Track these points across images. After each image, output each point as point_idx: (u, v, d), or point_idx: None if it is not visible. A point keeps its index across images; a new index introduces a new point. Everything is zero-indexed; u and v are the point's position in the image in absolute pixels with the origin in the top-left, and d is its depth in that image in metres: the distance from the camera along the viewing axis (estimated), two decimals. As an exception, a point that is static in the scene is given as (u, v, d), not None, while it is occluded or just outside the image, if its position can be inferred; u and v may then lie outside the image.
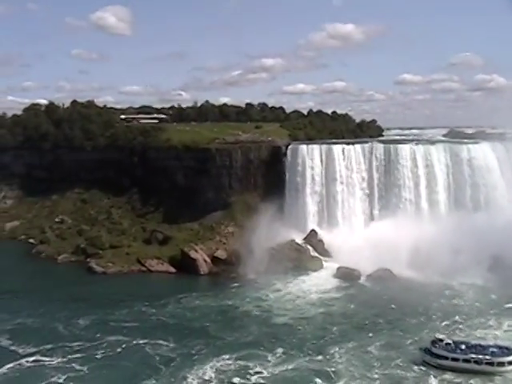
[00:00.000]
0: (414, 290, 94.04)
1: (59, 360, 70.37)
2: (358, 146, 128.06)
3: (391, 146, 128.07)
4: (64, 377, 65.71)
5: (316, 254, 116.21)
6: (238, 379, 64.76)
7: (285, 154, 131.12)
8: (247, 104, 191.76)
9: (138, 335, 78.43)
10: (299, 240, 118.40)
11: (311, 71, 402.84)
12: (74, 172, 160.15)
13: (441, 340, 70.61)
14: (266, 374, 65.98)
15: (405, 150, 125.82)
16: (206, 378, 65.21)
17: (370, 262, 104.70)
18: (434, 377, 66.09)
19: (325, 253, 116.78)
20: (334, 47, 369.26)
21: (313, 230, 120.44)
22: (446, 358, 68.57)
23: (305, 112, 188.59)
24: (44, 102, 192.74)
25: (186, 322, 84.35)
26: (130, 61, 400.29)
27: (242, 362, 68.77)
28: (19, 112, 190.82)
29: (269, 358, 69.89)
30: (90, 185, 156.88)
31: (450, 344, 70.13)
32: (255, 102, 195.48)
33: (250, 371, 66.65)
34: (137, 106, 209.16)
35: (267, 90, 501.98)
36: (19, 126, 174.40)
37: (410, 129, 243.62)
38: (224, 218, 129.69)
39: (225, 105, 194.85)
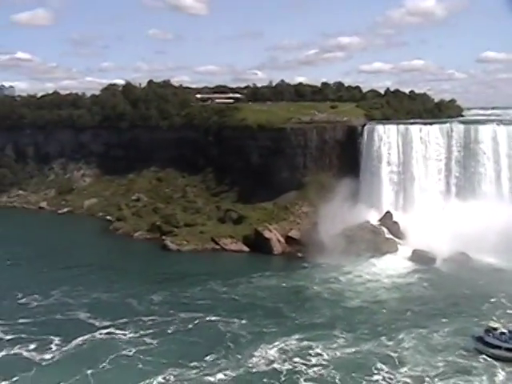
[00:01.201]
0: (491, 276, 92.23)
1: (131, 334, 73.07)
2: (436, 127, 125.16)
3: (471, 126, 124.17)
4: (134, 350, 68.12)
5: (391, 236, 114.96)
6: (299, 359, 65.31)
7: (360, 134, 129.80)
8: (323, 83, 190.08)
9: (210, 312, 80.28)
10: (374, 221, 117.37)
11: (389, 49, 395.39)
12: (150, 151, 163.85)
13: (495, 329, 68.28)
14: (328, 356, 66.30)
15: (486, 130, 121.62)
16: (271, 357, 66.13)
17: (446, 246, 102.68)
18: (502, 369, 63.75)
19: (400, 235, 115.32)
20: (414, 24, 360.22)
21: (388, 212, 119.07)
22: (499, 348, 66.25)
23: (381, 91, 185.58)
24: (121, 82, 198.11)
25: (257, 301, 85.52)
26: (206, 40, 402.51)
27: (307, 343, 69.37)
28: (97, 92, 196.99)
29: (335, 341, 70.15)
30: (166, 163, 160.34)
31: (504, 333, 67.56)
32: (331, 82, 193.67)
33: (313, 352, 67.20)
34: (212, 85, 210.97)
35: (343, 69, 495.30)
36: (97, 106, 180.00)
37: (493, 108, 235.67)
38: (298, 198, 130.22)
39: (300, 84, 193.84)
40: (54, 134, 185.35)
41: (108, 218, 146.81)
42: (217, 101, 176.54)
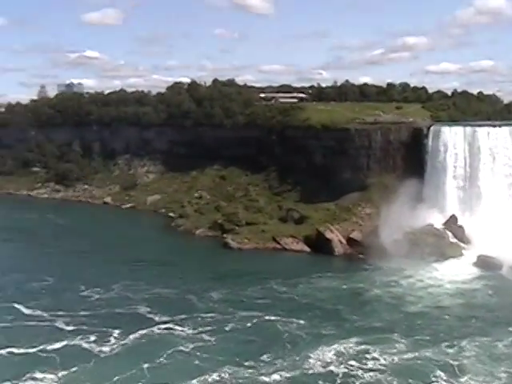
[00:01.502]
0: None
1: (189, 330, 73.58)
2: (505, 129, 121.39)
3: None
4: (192, 346, 68.55)
5: (455, 241, 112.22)
6: (356, 363, 64.37)
7: (426, 136, 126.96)
8: (388, 84, 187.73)
9: (269, 311, 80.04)
10: (438, 225, 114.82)
11: (457, 50, 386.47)
12: (213, 149, 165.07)
13: None
14: (385, 361, 64.93)
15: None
16: (327, 359, 65.34)
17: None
18: None
19: (465, 239, 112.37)
20: (483, 24, 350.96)
21: (453, 215, 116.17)
22: None
23: (448, 92, 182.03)
24: (187, 80, 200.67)
25: (316, 302, 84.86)
26: (271, 40, 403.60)
27: (364, 347, 68.24)
28: (163, 90, 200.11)
29: (393, 345, 68.74)
30: (229, 162, 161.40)
31: None
32: (396, 82, 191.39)
33: (370, 356, 66.01)
34: (276, 84, 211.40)
35: (409, 70, 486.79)
36: (163, 104, 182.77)
37: None
38: (361, 199, 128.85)
39: (365, 84, 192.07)
40: (120, 130, 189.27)
41: (170, 214, 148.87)
42: (281, 100, 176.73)
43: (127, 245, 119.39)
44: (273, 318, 78.28)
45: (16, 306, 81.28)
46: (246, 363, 63.80)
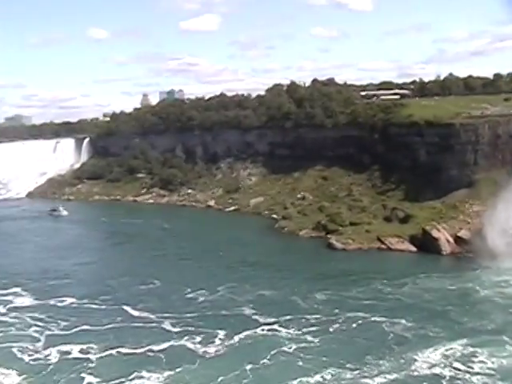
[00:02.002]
0: None
1: (294, 331, 74.08)
2: None
3: None
4: (295, 347, 69.12)
5: None
6: (462, 366, 62.91)
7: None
8: (495, 75, 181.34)
9: (375, 313, 79.43)
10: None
11: None
12: (314, 150, 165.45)
13: None
14: (494, 364, 62.95)
15: None
16: (433, 361, 64.20)
17: None
18: None
19: None
20: None
21: None
22: None
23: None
24: (286, 81, 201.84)
25: (423, 303, 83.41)
26: (371, 36, 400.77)
27: (472, 349, 66.48)
28: (263, 93, 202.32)
29: (504, 348, 66.47)
30: (331, 162, 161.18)
31: None
32: (504, 73, 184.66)
33: (477, 359, 64.28)
34: (377, 81, 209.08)
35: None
36: (263, 106, 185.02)
37: None
38: (468, 197, 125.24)
39: (470, 77, 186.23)
40: (221, 134, 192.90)
41: (273, 216, 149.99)
42: (382, 97, 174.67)
43: (232, 247, 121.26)
44: (378, 318, 77.62)
45: (125, 307, 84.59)
46: (350, 365, 63.64)
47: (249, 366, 63.58)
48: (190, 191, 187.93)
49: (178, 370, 63.89)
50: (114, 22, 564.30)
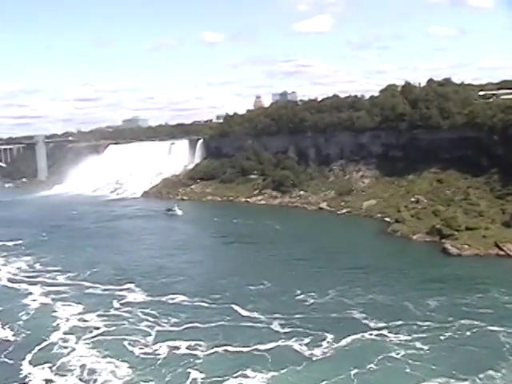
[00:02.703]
0: None
1: (403, 337, 72.15)
2: None
3: None
4: (403, 353, 67.38)
5: None
6: None
7: None
8: None
9: (491, 321, 75.86)
10: None
11: None
12: (430, 152, 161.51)
13: None
14: None
15: None
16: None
17: None
18: None
19: None
20: None
21: None
22: None
23: None
24: (400, 82, 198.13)
25: (544, 313, 79.20)
26: (491, 34, 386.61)
27: None
28: (376, 94, 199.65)
29: None
30: (447, 164, 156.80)
31: None
32: None
33: None
34: (496, 80, 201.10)
35: None
36: (376, 107, 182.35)
37: None
38: None
39: None
40: (334, 136, 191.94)
41: (386, 219, 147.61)
42: (502, 97, 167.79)
43: (343, 250, 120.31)
44: (494, 328, 74.07)
45: (234, 307, 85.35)
46: (461, 375, 61.24)
47: (354, 371, 62.75)
48: (301, 193, 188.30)
49: (282, 370, 63.91)
50: (227, 26, 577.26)
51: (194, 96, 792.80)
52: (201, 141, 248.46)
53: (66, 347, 73.97)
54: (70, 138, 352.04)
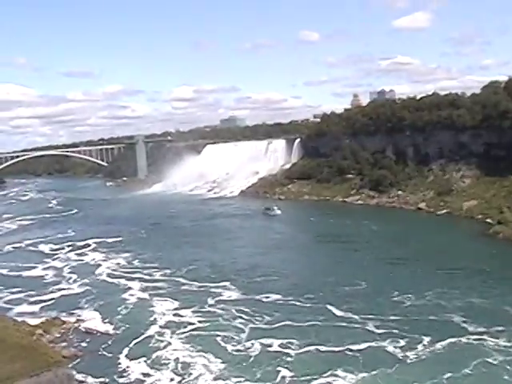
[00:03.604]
0: None
1: (502, 343, 69.66)
2: None
3: None
4: (502, 359, 65.26)
5: None
6: None
7: None
8: None
9: None
10: None
11: None
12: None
13: None
14: None
15: None
16: None
17: None
18: None
19: None
20: None
21: None
22: None
23: None
24: (503, 78, 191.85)
25: None
26: None
27: None
28: (477, 91, 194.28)
29: None
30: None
31: None
32: None
33: None
34: None
35: None
36: (478, 105, 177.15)
37: None
38: None
39: None
40: (433, 135, 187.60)
41: (488, 220, 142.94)
42: None
43: (441, 252, 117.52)
44: None
45: (328, 307, 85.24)
46: None
47: (448, 375, 61.42)
48: (399, 193, 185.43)
49: (373, 372, 63.44)
50: (324, 24, 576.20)
51: (291, 95, 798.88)
52: (298, 140, 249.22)
53: (161, 341, 76.64)
54: (169, 138, 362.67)
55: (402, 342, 71.16)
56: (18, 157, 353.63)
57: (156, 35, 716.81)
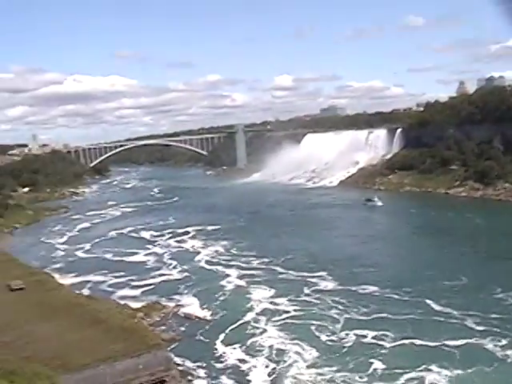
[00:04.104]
0: None
1: None
2: None
3: None
4: None
5: None
6: None
7: None
8: None
9: None
10: None
11: None
12: None
13: None
14: None
15: None
16: None
17: None
18: None
19: None
20: None
21: None
22: None
23: None
24: None
25: None
26: None
27: None
28: None
29: None
30: None
31: None
32: None
33: None
34: None
35: None
36: None
37: None
38: None
39: None
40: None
41: None
42: None
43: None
44: None
45: (426, 301, 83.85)
46: None
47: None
48: (507, 185, 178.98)
49: (469, 370, 62.00)
50: (430, 9, 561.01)
51: (393, 83, 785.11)
52: (399, 130, 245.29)
53: (257, 328, 78.32)
54: (269, 127, 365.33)
55: (504, 341, 68.72)
56: (121, 146, 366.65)
57: (256, 24, 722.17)
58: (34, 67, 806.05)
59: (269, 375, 64.56)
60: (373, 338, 71.81)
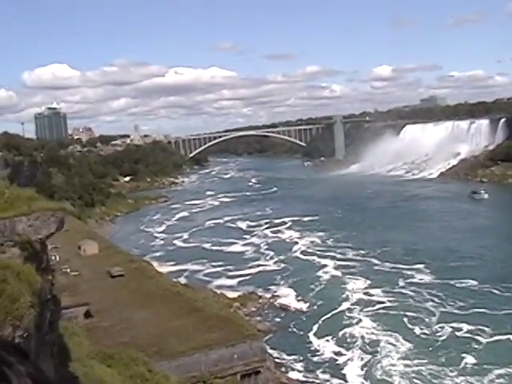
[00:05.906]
0: None
1: None
2: None
3: None
4: None
5: None
6: None
7: None
8: None
9: None
10: None
11: None
12: None
13: None
14: None
15: None
16: None
17: None
18: None
19: None
20: None
21: None
22: None
23: None
24: None
25: None
26: None
27: None
28: None
29: None
30: None
31: None
32: None
33: None
34: None
35: None
36: None
37: None
38: None
39: None
40: None
41: None
42: None
43: None
44: None
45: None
46: None
47: None
48: None
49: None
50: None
51: (497, 72, 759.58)
52: (503, 120, 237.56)
53: (351, 318, 78.99)
54: (367, 118, 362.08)
55: None
56: (220, 137, 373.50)
57: (355, 15, 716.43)
58: (137, 60, 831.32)
59: (362, 368, 64.84)
60: (468, 332, 70.83)
